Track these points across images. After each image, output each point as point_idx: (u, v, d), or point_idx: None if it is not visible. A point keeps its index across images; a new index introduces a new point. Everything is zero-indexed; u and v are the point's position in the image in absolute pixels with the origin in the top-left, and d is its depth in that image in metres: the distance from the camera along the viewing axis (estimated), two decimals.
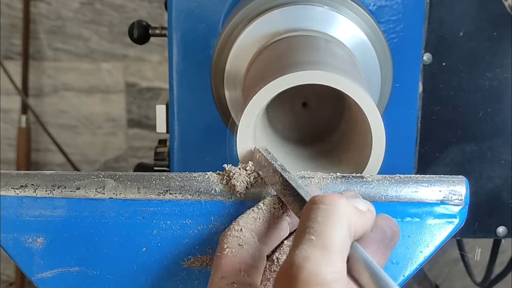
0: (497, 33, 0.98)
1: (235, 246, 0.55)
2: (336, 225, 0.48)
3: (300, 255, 0.47)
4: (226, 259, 0.54)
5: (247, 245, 0.55)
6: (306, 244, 0.47)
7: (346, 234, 0.49)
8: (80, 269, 0.63)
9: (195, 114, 0.96)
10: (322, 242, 0.47)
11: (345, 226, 0.49)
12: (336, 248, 0.47)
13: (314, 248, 0.47)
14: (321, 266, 0.46)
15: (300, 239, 0.48)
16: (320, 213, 0.49)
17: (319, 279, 0.46)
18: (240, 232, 0.56)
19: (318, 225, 0.48)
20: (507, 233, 1.04)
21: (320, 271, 0.46)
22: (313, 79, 0.66)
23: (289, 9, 0.84)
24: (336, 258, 0.47)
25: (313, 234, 0.48)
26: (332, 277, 0.46)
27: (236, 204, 0.63)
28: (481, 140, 1.01)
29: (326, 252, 0.47)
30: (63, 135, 2.23)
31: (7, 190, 0.63)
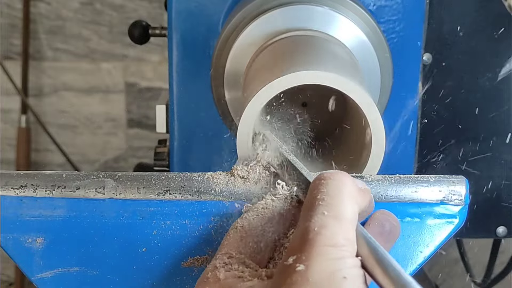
0: (497, 33, 0.98)
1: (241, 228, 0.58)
2: (346, 198, 0.52)
3: (316, 223, 0.50)
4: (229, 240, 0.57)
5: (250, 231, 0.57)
6: (320, 214, 0.51)
7: (355, 207, 0.53)
8: (80, 269, 0.63)
9: (195, 114, 0.96)
10: (335, 213, 0.51)
11: (354, 199, 0.53)
12: (348, 219, 0.51)
13: (329, 218, 0.50)
14: (336, 232, 0.50)
15: (312, 210, 0.51)
16: (330, 187, 0.53)
17: (335, 242, 0.49)
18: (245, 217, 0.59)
19: (330, 198, 0.52)
20: (507, 233, 1.04)
21: (336, 237, 0.49)
22: (313, 79, 0.66)
23: (289, 9, 0.84)
24: (348, 227, 0.51)
25: (326, 205, 0.51)
26: (345, 242, 0.50)
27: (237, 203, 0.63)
28: (481, 140, 1.01)
29: (339, 221, 0.50)
30: (63, 135, 2.23)
31: (7, 190, 0.63)
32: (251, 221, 0.58)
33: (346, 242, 0.50)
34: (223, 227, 0.62)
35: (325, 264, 0.48)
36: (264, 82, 0.66)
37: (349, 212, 0.52)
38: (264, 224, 0.58)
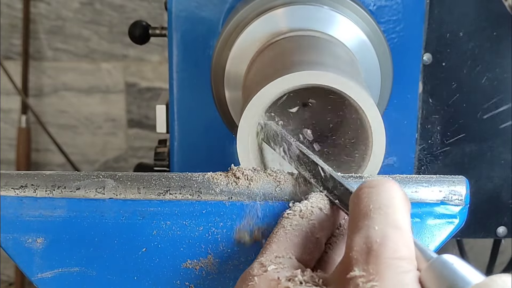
0: (497, 33, 0.98)
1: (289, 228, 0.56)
2: (401, 207, 0.51)
3: (378, 234, 0.48)
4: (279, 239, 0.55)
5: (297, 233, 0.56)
6: (379, 224, 0.49)
7: (409, 215, 0.51)
8: (80, 269, 0.63)
9: (195, 114, 0.96)
10: (394, 223, 0.49)
11: (406, 208, 0.51)
12: (407, 228, 0.50)
13: (389, 228, 0.49)
14: (400, 244, 0.48)
15: (369, 220, 0.50)
16: (383, 196, 0.51)
17: (400, 254, 0.47)
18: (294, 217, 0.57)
19: (386, 207, 0.50)
20: (507, 233, 1.04)
21: (401, 248, 0.48)
22: (313, 79, 0.66)
23: (289, 9, 0.84)
24: (408, 237, 0.49)
25: (383, 215, 0.50)
26: (409, 254, 0.48)
27: (237, 204, 0.63)
28: (481, 140, 1.01)
29: (400, 232, 0.49)
30: (63, 135, 2.23)
31: (7, 190, 0.63)
32: (299, 222, 0.56)
33: (409, 254, 0.48)
34: (223, 227, 0.62)
35: (396, 279, 0.46)
36: (264, 82, 0.66)
37: (406, 221, 0.50)
38: (310, 225, 0.56)
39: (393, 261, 0.47)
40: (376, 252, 0.47)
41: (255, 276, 0.51)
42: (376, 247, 0.48)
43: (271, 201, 0.63)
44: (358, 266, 0.47)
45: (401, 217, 0.50)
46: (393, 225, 0.49)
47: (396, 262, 0.47)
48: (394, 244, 0.48)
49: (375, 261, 0.47)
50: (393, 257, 0.47)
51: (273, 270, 0.52)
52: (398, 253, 0.47)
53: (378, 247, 0.47)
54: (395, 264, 0.47)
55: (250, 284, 0.51)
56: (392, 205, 0.50)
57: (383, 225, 0.49)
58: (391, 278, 0.46)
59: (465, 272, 0.46)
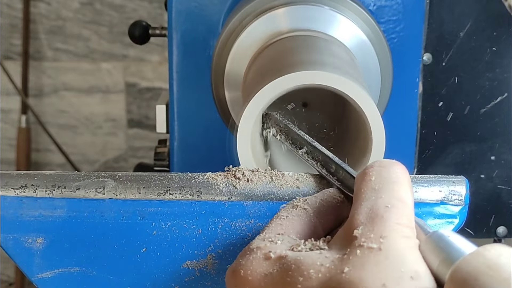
0: (497, 33, 0.98)
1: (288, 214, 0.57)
2: (408, 185, 0.53)
3: (384, 203, 0.51)
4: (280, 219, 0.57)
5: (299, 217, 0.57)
6: (386, 195, 0.52)
7: (413, 194, 0.54)
8: (80, 269, 0.63)
9: (195, 114, 0.96)
10: (400, 197, 0.52)
11: (411, 187, 0.54)
12: (411, 204, 0.52)
13: (395, 199, 0.51)
14: (404, 214, 0.51)
15: (377, 192, 0.52)
16: (392, 173, 0.54)
17: (404, 222, 0.50)
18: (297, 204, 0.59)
19: (393, 183, 0.53)
20: (507, 233, 1.04)
21: (405, 217, 0.50)
22: (313, 79, 0.66)
23: (289, 9, 0.84)
24: (412, 212, 0.52)
25: (391, 189, 0.52)
26: (411, 224, 0.50)
27: (237, 204, 0.63)
28: (481, 140, 1.01)
29: (405, 205, 0.51)
30: (63, 135, 2.23)
31: (7, 191, 0.63)
32: (300, 207, 0.58)
33: (411, 224, 0.51)
34: (223, 228, 0.62)
35: (399, 241, 0.48)
36: (264, 82, 0.66)
37: (410, 198, 0.53)
38: (318, 212, 0.58)
39: (397, 226, 0.49)
40: (382, 216, 0.50)
41: (256, 249, 0.53)
42: (382, 212, 0.50)
43: (271, 201, 0.63)
44: (363, 227, 0.50)
45: (406, 193, 0.53)
46: (398, 198, 0.51)
47: (399, 227, 0.49)
48: (398, 212, 0.50)
49: (380, 223, 0.49)
50: (397, 222, 0.49)
51: (274, 243, 0.53)
52: (402, 220, 0.50)
53: (384, 212, 0.50)
54: (398, 229, 0.49)
55: (253, 257, 0.52)
56: (399, 182, 0.53)
57: (389, 197, 0.51)
58: (395, 240, 0.48)
59: (460, 244, 0.48)
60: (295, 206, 0.58)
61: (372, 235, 0.49)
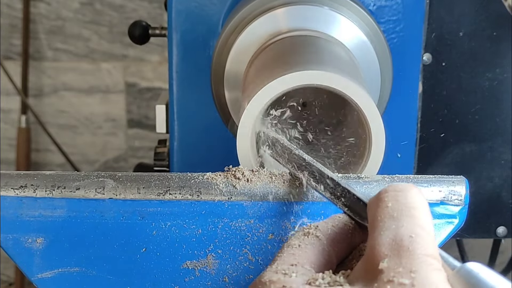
0: (497, 33, 0.98)
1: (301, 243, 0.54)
2: (426, 210, 0.51)
3: (408, 232, 0.48)
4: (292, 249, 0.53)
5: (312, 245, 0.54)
6: (409, 224, 0.49)
7: (432, 220, 0.51)
8: (80, 269, 0.63)
9: (195, 114, 0.96)
10: (422, 224, 0.49)
11: (429, 212, 0.51)
12: (432, 231, 0.50)
13: (418, 227, 0.49)
14: (429, 243, 0.48)
15: (397, 220, 0.49)
16: (410, 199, 0.51)
17: (431, 252, 0.47)
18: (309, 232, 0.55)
19: (413, 209, 0.50)
20: (507, 233, 1.04)
21: (431, 247, 0.48)
22: (313, 79, 0.66)
23: (289, 9, 0.84)
24: (434, 239, 0.49)
25: (411, 216, 0.49)
26: (437, 254, 0.48)
27: (237, 204, 0.63)
28: (481, 140, 1.01)
29: (428, 233, 0.49)
30: (63, 135, 2.23)
31: (7, 191, 0.63)
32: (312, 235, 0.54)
33: (437, 254, 0.48)
34: (223, 228, 0.62)
35: (431, 275, 0.45)
36: (264, 82, 0.66)
37: (431, 224, 0.50)
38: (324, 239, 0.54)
39: (426, 257, 0.47)
40: (408, 247, 0.47)
41: (268, 282, 0.49)
42: (407, 243, 0.47)
43: (271, 201, 0.63)
44: (388, 260, 0.47)
45: (428, 220, 0.50)
46: (421, 226, 0.49)
47: (428, 259, 0.47)
48: (424, 242, 0.48)
49: (408, 256, 0.47)
50: (425, 253, 0.47)
51: (288, 276, 0.50)
52: (428, 251, 0.47)
53: (410, 243, 0.47)
54: (428, 261, 0.46)
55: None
56: (419, 208, 0.50)
57: (411, 225, 0.49)
58: (426, 273, 0.45)
59: (491, 279, 0.46)
60: (307, 233, 0.54)
61: (400, 269, 0.46)
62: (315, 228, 0.55)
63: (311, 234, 0.54)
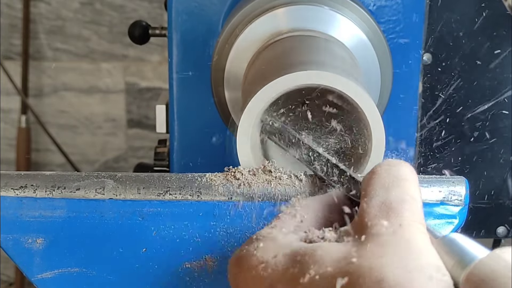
0: (497, 33, 0.98)
1: None
2: (416, 183, 0.53)
3: (397, 198, 0.50)
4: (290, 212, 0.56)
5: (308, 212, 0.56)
6: (398, 192, 0.51)
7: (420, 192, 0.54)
8: (80, 269, 0.63)
9: (195, 114, 0.96)
10: (411, 194, 0.51)
11: (418, 184, 0.54)
12: (420, 201, 0.52)
13: (407, 196, 0.51)
14: (417, 211, 0.50)
15: (387, 188, 0.52)
16: (401, 172, 0.54)
17: (418, 218, 0.49)
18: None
19: (403, 181, 0.52)
20: (507, 233, 1.04)
21: (418, 214, 0.50)
22: (313, 79, 0.66)
23: (289, 9, 0.84)
24: (421, 209, 0.51)
25: (401, 186, 0.52)
26: (423, 221, 0.50)
27: (237, 204, 0.63)
28: (481, 140, 1.01)
29: (416, 202, 0.51)
30: (63, 135, 2.23)
31: (7, 191, 0.63)
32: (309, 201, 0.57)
33: (424, 222, 0.50)
34: (223, 228, 0.62)
35: (418, 236, 0.48)
36: (264, 82, 0.66)
37: (419, 195, 0.52)
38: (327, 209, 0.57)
39: (412, 221, 0.49)
40: (396, 210, 0.49)
41: (263, 237, 0.51)
42: (395, 206, 0.50)
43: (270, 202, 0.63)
44: (377, 219, 0.49)
45: (417, 191, 0.52)
46: (410, 195, 0.51)
47: (415, 223, 0.49)
48: (411, 208, 0.50)
49: (396, 217, 0.49)
50: (412, 218, 0.49)
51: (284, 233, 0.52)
52: (415, 216, 0.49)
53: (398, 206, 0.50)
54: (414, 224, 0.49)
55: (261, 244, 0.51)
56: (409, 180, 0.53)
57: (401, 193, 0.51)
58: (414, 234, 0.48)
59: (473, 247, 0.48)
60: (304, 202, 0.57)
61: (389, 225, 0.48)
62: (313, 198, 0.58)
63: (309, 202, 0.57)
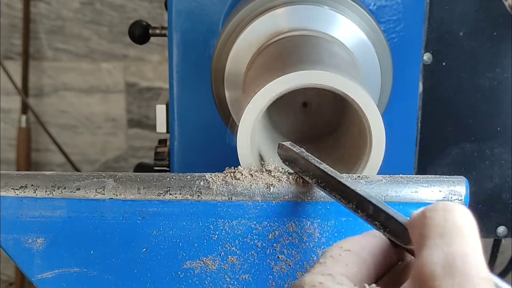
0: (497, 33, 0.98)
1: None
2: (475, 229, 0.49)
3: (460, 251, 0.46)
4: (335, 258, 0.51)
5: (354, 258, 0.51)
6: (461, 243, 0.47)
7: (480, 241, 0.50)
8: (80, 269, 0.63)
9: (195, 114, 0.96)
10: (473, 244, 0.47)
11: (477, 231, 0.50)
12: (482, 252, 0.48)
13: (469, 248, 0.47)
14: (481, 264, 0.46)
15: (445, 238, 0.48)
16: (458, 217, 0.49)
17: (484, 274, 0.46)
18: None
19: (463, 229, 0.48)
20: (507, 233, 1.04)
21: (483, 268, 0.46)
22: (313, 79, 0.66)
23: (289, 9, 0.84)
24: (484, 261, 0.47)
25: (461, 236, 0.48)
26: (489, 277, 0.46)
27: (237, 204, 0.63)
28: (481, 140, 1.01)
29: (479, 254, 0.47)
30: (63, 135, 2.23)
31: (7, 191, 0.63)
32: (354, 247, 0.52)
33: (489, 276, 0.46)
34: (223, 228, 0.62)
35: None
36: (265, 82, 0.66)
37: (481, 245, 0.48)
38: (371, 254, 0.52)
39: (480, 280, 0.45)
40: (461, 267, 0.45)
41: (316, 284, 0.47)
42: (460, 263, 0.46)
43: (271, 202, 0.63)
44: (442, 280, 0.45)
45: (478, 241, 0.48)
46: (472, 247, 0.47)
47: (482, 282, 0.45)
48: (477, 263, 0.46)
49: (462, 276, 0.45)
50: (478, 276, 0.45)
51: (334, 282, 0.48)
52: (482, 273, 0.46)
53: (462, 264, 0.46)
54: (482, 284, 0.45)
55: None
56: (469, 228, 0.49)
57: (463, 245, 0.47)
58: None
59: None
60: (347, 246, 0.52)
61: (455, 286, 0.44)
62: (357, 241, 0.53)
63: (353, 247, 0.52)
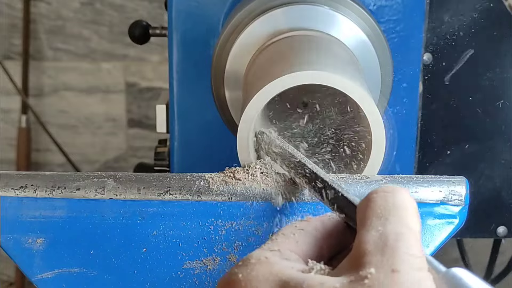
0: (497, 33, 0.98)
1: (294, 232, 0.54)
2: (414, 212, 0.51)
3: (393, 231, 0.49)
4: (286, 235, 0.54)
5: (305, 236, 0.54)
6: (394, 223, 0.49)
7: (420, 221, 0.52)
8: (80, 269, 0.63)
9: (195, 114, 0.96)
10: (409, 225, 0.50)
11: (418, 215, 0.52)
12: (418, 232, 0.50)
13: (404, 227, 0.49)
14: (413, 243, 0.48)
15: (383, 219, 0.50)
16: (398, 200, 0.51)
17: (414, 252, 0.48)
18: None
19: (400, 210, 0.51)
20: (507, 233, 1.04)
21: (414, 247, 0.48)
22: (313, 79, 0.66)
23: (289, 9, 0.84)
24: (419, 240, 0.50)
25: (398, 216, 0.50)
26: (422, 254, 0.48)
27: (237, 204, 0.63)
28: (481, 140, 1.01)
29: (413, 233, 0.49)
30: (63, 135, 2.23)
31: (7, 191, 0.63)
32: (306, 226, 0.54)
33: (422, 254, 0.49)
34: (223, 228, 0.62)
35: (412, 274, 0.46)
36: (265, 82, 0.66)
37: (418, 226, 0.51)
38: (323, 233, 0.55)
39: (409, 256, 0.47)
40: (392, 245, 0.48)
41: (258, 261, 0.49)
42: (392, 242, 0.48)
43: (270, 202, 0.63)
44: (372, 256, 0.47)
45: (414, 221, 0.51)
46: (407, 226, 0.50)
47: (411, 258, 0.47)
48: (408, 241, 0.48)
49: (392, 253, 0.47)
50: (408, 253, 0.48)
51: (279, 258, 0.50)
52: (412, 250, 0.48)
53: (394, 242, 0.48)
54: (410, 260, 0.47)
55: (254, 269, 0.49)
56: (407, 208, 0.51)
57: (397, 224, 0.49)
58: (407, 272, 0.46)
59: (474, 284, 0.47)
60: (301, 225, 0.54)
61: (383, 266, 0.46)
62: (309, 222, 0.55)
63: (306, 227, 0.54)
